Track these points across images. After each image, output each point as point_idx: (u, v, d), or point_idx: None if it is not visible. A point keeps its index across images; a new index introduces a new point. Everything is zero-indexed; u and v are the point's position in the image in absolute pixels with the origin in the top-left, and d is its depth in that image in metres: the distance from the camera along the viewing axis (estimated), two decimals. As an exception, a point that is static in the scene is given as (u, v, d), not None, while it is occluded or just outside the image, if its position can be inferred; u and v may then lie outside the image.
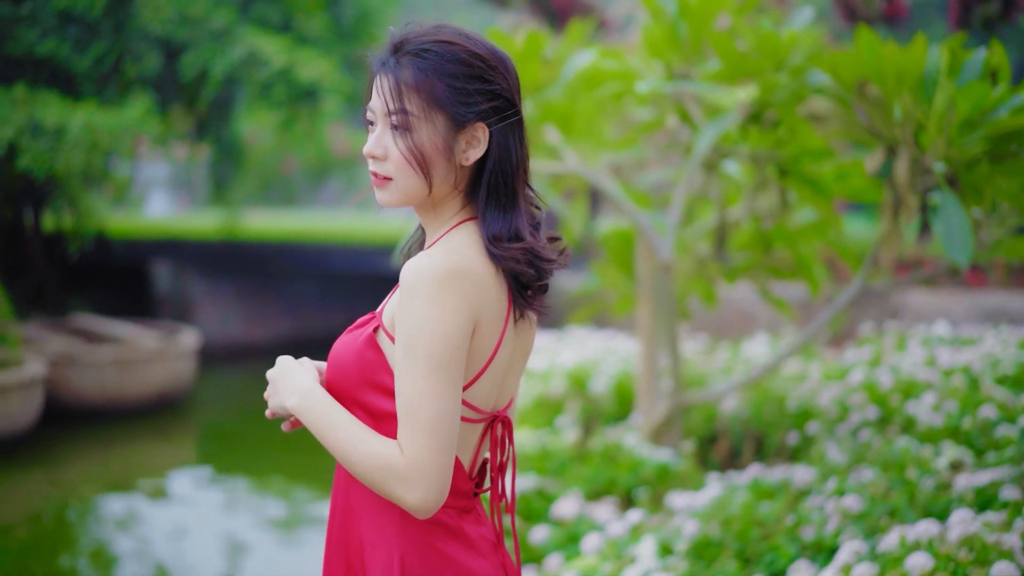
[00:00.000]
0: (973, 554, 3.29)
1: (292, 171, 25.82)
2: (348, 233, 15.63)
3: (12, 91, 10.27)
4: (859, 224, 13.40)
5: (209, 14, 11.71)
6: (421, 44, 2.05)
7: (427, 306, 1.96)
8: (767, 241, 5.64)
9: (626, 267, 6.46)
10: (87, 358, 11.02)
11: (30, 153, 9.88)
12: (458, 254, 2.02)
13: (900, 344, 6.71)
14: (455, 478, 2.11)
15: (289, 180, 26.78)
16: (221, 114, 13.44)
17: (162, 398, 11.71)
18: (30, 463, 9.50)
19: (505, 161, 2.09)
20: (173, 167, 24.20)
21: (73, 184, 11.61)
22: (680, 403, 5.62)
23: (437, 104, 2.04)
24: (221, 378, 13.96)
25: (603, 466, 5.34)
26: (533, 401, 6.91)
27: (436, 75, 2.03)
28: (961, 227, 3.85)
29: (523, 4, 13.81)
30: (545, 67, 5.51)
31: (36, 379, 9.81)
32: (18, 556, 7.25)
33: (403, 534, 2.08)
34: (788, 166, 4.99)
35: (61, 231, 13.35)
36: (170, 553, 7.38)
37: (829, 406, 5.73)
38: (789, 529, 4.01)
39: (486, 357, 2.07)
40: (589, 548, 4.46)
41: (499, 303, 2.07)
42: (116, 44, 11.43)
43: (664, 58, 5.03)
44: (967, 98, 3.83)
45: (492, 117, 2.07)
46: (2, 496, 8.64)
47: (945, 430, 4.82)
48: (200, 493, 9.14)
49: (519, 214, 2.11)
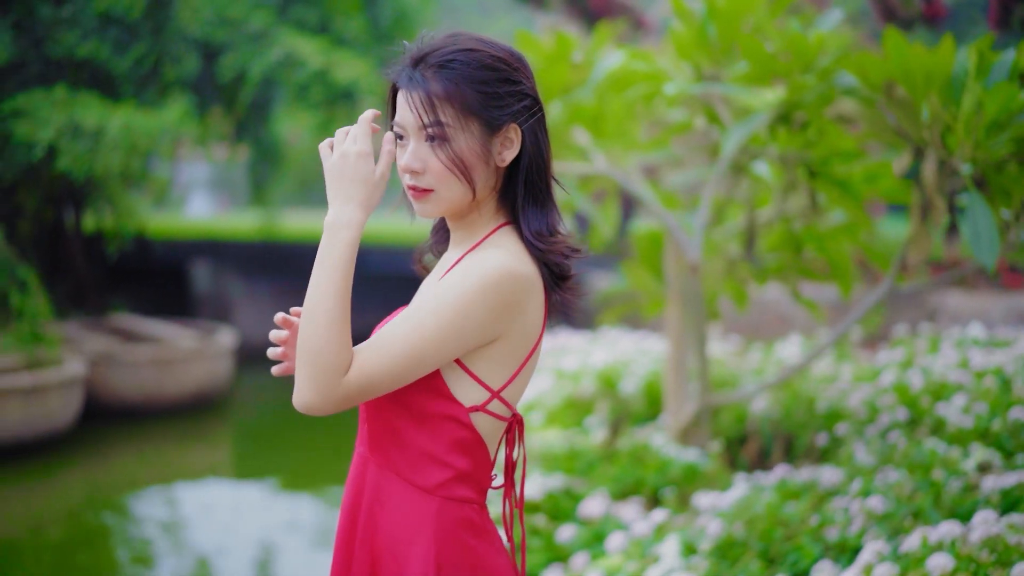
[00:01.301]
0: (995, 555, 3.28)
1: (331, 172, 25.92)
2: (385, 234, 15.69)
3: (53, 93, 10.38)
4: (897, 225, 13.31)
5: (247, 16, 11.80)
6: (444, 55, 2.08)
7: (473, 291, 2.01)
8: (797, 242, 5.63)
9: (655, 268, 6.47)
10: (125, 357, 11.12)
11: (69, 154, 9.98)
12: (517, 259, 2.08)
13: (933, 346, 6.68)
14: (482, 474, 2.17)
15: (328, 181, 26.86)
16: (259, 115, 13.54)
17: (199, 397, 11.79)
18: (70, 461, 9.61)
19: (537, 157, 2.15)
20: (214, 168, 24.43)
21: (112, 185, 11.74)
22: (708, 403, 5.63)
23: (471, 111, 2.07)
24: (258, 378, 14.08)
25: (631, 466, 5.36)
26: (563, 401, 6.93)
27: (466, 83, 2.07)
28: (988, 228, 3.83)
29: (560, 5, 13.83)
30: (574, 69, 5.54)
31: (76, 378, 9.92)
32: (58, 553, 7.34)
33: (439, 529, 2.11)
34: (817, 167, 4.98)
35: (101, 231, 13.47)
36: (206, 552, 7.44)
37: (859, 407, 5.71)
38: (813, 529, 4.01)
39: (523, 355, 2.13)
40: (613, 547, 4.48)
41: (540, 307, 2.13)
42: (155, 46, 11.53)
43: (693, 60, 5.03)
44: (995, 99, 3.82)
45: (522, 116, 2.12)
46: (43, 494, 8.75)
47: (974, 432, 4.79)
48: (236, 492, 9.21)
49: (553, 208, 2.18)
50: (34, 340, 9.72)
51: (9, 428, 9.25)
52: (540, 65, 5.32)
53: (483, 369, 2.09)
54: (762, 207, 5.94)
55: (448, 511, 2.11)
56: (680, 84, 4.85)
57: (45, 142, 9.98)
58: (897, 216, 14.58)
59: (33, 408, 9.38)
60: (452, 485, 2.12)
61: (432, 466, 2.11)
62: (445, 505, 2.11)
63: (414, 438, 2.11)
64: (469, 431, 2.11)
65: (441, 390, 2.08)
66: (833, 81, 4.39)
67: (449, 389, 2.08)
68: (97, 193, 12.64)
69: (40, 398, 9.43)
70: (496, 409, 2.12)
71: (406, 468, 2.13)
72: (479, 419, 2.11)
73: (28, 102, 10.24)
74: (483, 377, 2.09)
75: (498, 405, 2.12)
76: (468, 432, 2.11)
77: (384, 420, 2.13)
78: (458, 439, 2.11)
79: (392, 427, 2.13)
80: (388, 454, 2.14)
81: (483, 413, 2.11)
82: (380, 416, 2.14)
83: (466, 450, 2.12)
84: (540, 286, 2.12)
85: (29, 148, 10.19)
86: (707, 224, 5.56)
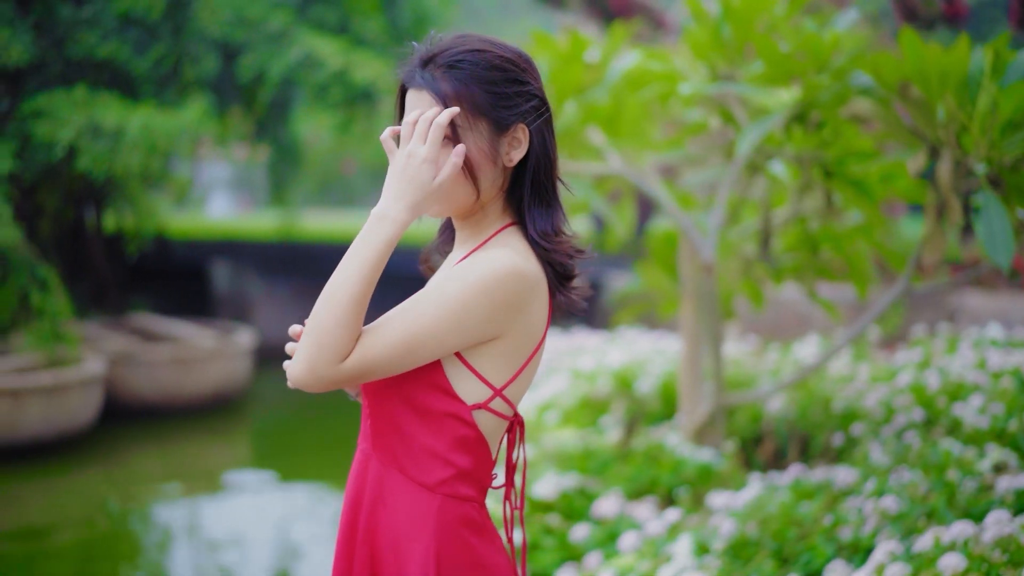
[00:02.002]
0: (1007, 555, 3.27)
1: (352, 172, 25.98)
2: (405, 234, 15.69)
3: (73, 93, 10.42)
4: (917, 225, 13.25)
5: (266, 16, 11.84)
6: (453, 55, 2.10)
7: (477, 286, 2.03)
8: (814, 242, 5.62)
9: (670, 268, 6.47)
10: (144, 357, 11.18)
11: (89, 154, 10.02)
12: (523, 257, 2.09)
13: (951, 347, 6.65)
14: (483, 472, 2.18)
15: (348, 181, 26.94)
16: (279, 115, 13.58)
17: (218, 397, 11.84)
18: (90, 460, 9.66)
19: (544, 157, 2.16)
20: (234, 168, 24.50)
21: (132, 185, 11.79)
22: (722, 403, 5.62)
23: (479, 111, 2.09)
24: (277, 378, 14.07)
25: (645, 466, 5.36)
26: (578, 401, 6.93)
27: (475, 83, 2.09)
28: (1002, 228, 3.82)
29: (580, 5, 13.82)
30: (588, 69, 5.54)
31: (95, 377, 9.98)
32: (77, 552, 7.38)
33: (440, 526, 2.12)
34: (832, 167, 4.97)
35: (122, 231, 13.54)
36: (226, 552, 7.47)
37: (875, 408, 5.70)
38: (826, 529, 4.00)
39: (526, 354, 2.15)
40: (626, 547, 4.48)
41: (544, 306, 2.15)
42: (175, 46, 11.58)
43: (708, 60, 5.03)
44: (1010, 99, 3.81)
45: (530, 116, 2.14)
46: (62, 492, 8.80)
47: (990, 432, 4.78)
48: (255, 492, 9.24)
49: (559, 208, 2.20)
50: (54, 339, 9.78)
51: (31, 426, 9.31)
52: (555, 65, 5.32)
53: (485, 366, 2.10)
54: (779, 207, 5.94)
55: (449, 508, 2.12)
56: (695, 84, 4.86)
57: (65, 142, 10.03)
58: (918, 216, 14.51)
59: (54, 407, 9.44)
60: (454, 483, 2.13)
61: (434, 463, 2.12)
62: (446, 502, 2.12)
63: (417, 435, 2.12)
64: (471, 429, 2.12)
65: (444, 387, 2.10)
66: (848, 81, 4.39)
67: (452, 386, 2.09)
68: (117, 193, 12.70)
69: (61, 397, 9.49)
70: (498, 407, 2.14)
71: (408, 465, 2.14)
72: (481, 417, 2.12)
73: (49, 102, 10.29)
74: (485, 374, 2.11)
75: (500, 403, 2.13)
76: (470, 430, 2.12)
77: (387, 416, 2.14)
78: (460, 437, 2.12)
79: (395, 424, 2.14)
80: (390, 450, 2.15)
81: (485, 411, 2.12)
82: (383, 412, 2.15)
83: (468, 448, 2.13)
84: (544, 286, 2.14)
85: (49, 148, 10.24)
86: (722, 224, 5.55)
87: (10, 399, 9.17)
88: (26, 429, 9.29)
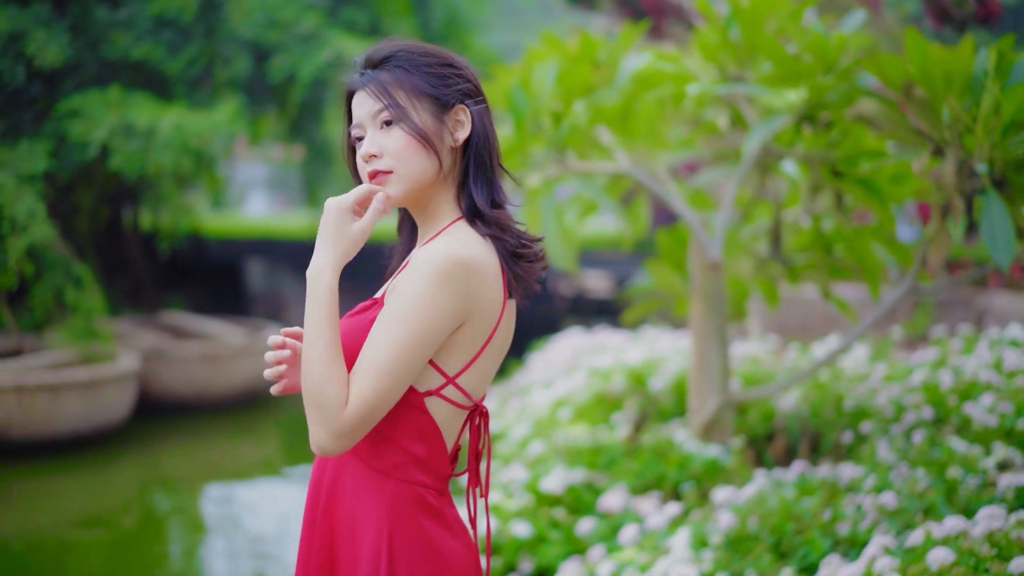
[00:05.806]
0: (996, 550, 3.31)
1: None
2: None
3: (107, 93, 10.54)
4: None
5: (297, 18, 11.92)
6: (388, 51, 2.25)
7: (427, 286, 2.09)
8: (827, 242, 5.65)
9: (680, 266, 6.50)
10: (175, 353, 11.29)
11: (122, 154, 10.15)
12: (462, 244, 2.15)
13: (968, 347, 6.65)
14: (438, 461, 2.23)
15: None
16: (311, 116, 13.66)
17: (248, 393, 11.93)
18: (124, 454, 9.78)
19: (484, 138, 2.27)
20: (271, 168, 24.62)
21: (165, 184, 11.91)
22: (729, 400, 5.66)
23: (421, 91, 2.22)
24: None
25: (652, 461, 5.40)
26: (592, 397, 6.98)
27: (412, 68, 2.22)
28: (1004, 228, 3.85)
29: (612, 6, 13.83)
30: (598, 70, 5.59)
31: (129, 373, 10.10)
32: (113, 546, 7.48)
33: (393, 511, 2.18)
34: (842, 167, 5.01)
35: (158, 230, 13.67)
36: (258, 546, 7.54)
37: (886, 406, 5.72)
38: (824, 524, 4.04)
39: (479, 344, 2.19)
40: (626, 540, 4.54)
41: (496, 292, 2.19)
42: (207, 48, 11.69)
43: (717, 61, 5.08)
44: (1013, 99, 3.84)
45: (469, 99, 2.26)
46: (98, 487, 8.92)
47: (999, 430, 4.80)
48: (285, 486, 9.34)
49: (499, 187, 2.29)
50: (88, 335, 9.91)
51: (68, 421, 9.44)
52: (563, 65, 5.38)
53: (441, 355, 2.16)
54: (792, 206, 5.97)
55: (403, 492, 2.18)
56: (703, 85, 4.90)
57: (98, 141, 10.14)
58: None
59: (90, 402, 9.57)
60: (408, 468, 2.19)
61: (388, 449, 2.19)
62: (400, 487, 2.18)
63: None
64: (424, 416, 2.18)
65: None
66: (854, 82, 4.42)
67: None
68: (151, 192, 12.84)
69: (96, 392, 9.62)
70: (452, 395, 2.19)
71: (364, 451, 2.20)
72: (434, 404, 2.18)
73: (83, 103, 10.41)
74: (441, 363, 2.16)
75: (454, 392, 2.19)
76: (423, 417, 2.18)
77: None
78: (413, 424, 2.18)
79: None
80: None
81: (437, 398, 2.18)
82: None
83: (421, 436, 2.19)
84: (494, 269, 2.19)
85: (83, 147, 10.36)
86: (732, 223, 5.59)
87: (48, 394, 9.30)
88: (64, 424, 9.43)
